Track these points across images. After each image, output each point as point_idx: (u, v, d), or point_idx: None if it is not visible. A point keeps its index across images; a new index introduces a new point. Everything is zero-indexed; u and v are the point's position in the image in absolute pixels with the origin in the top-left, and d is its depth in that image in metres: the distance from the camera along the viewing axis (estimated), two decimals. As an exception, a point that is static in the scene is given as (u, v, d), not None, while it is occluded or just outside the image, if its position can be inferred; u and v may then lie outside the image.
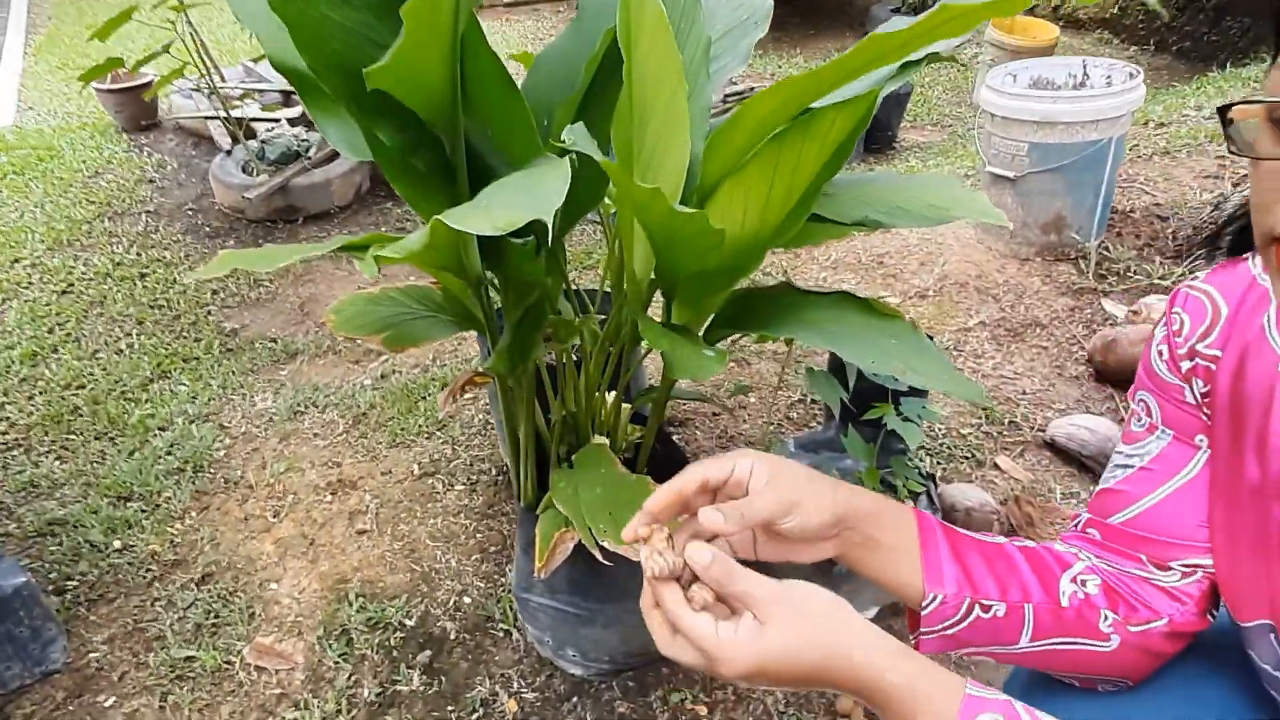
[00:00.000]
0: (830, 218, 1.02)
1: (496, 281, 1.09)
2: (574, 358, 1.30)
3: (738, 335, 1.19)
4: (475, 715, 1.34)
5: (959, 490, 1.62)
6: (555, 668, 1.40)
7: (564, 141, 0.73)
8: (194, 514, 1.90)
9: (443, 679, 1.41)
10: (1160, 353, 0.70)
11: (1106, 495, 0.73)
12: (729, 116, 0.89)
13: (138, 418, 2.23)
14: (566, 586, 1.26)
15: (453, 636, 1.49)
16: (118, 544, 1.82)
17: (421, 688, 1.40)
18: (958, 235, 2.73)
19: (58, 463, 2.10)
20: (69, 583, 1.72)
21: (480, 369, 1.31)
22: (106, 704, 1.47)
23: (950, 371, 0.94)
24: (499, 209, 0.62)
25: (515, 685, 1.38)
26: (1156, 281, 2.31)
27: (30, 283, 2.95)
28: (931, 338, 1.76)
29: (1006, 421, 1.93)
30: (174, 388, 2.39)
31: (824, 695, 1.35)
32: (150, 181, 3.79)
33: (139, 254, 3.14)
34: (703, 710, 1.32)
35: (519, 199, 0.62)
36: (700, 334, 1.09)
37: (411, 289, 1.30)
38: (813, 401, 2.08)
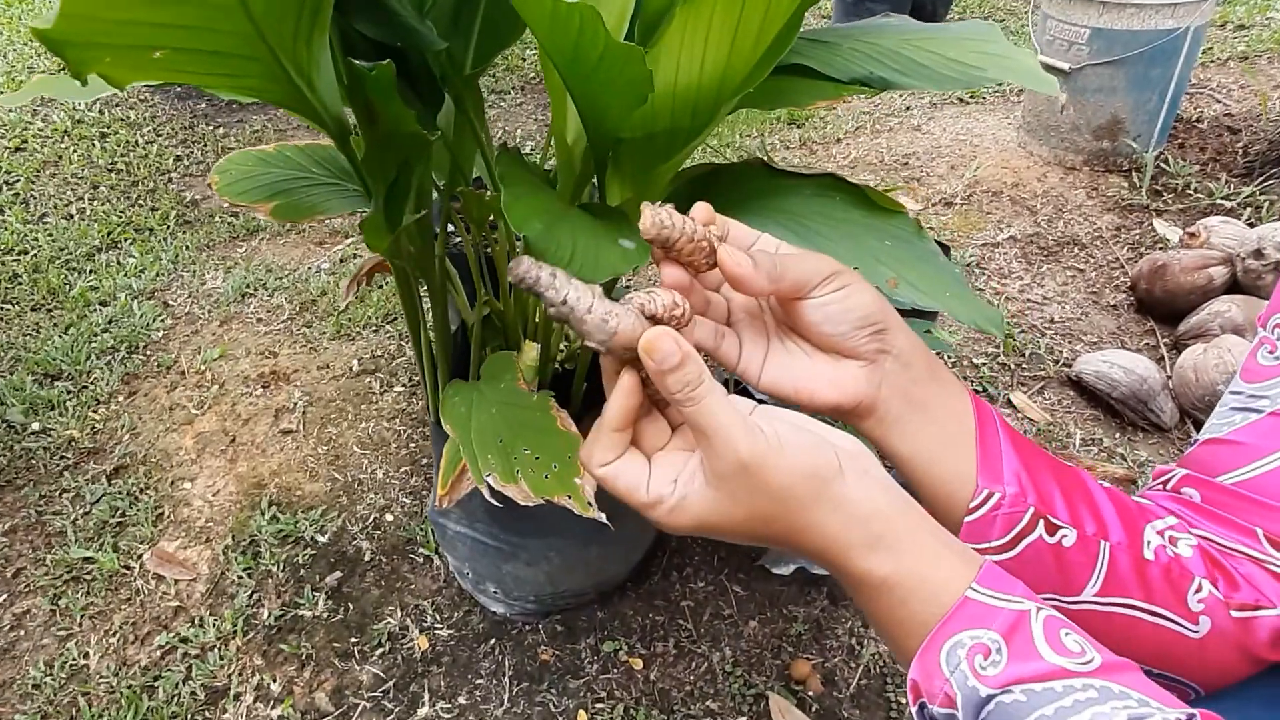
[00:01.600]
0: (824, 72, 0.76)
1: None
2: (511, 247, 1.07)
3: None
4: (380, 650, 1.17)
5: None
6: (476, 603, 1.22)
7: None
8: (120, 399, 1.73)
9: (350, 605, 1.24)
10: None
11: (1216, 446, 0.54)
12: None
13: (79, 290, 2.06)
14: (485, 515, 1.07)
15: (367, 558, 1.31)
16: (36, 426, 1.66)
17: (325, 613, 1.23)
18: (996, 137, 2.42)
19: (-13, 334, 1.94)
20: (-23, 466, 1.57)
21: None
22: (-3, 601, 1.33)
23: (959, 287, 0.71)
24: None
25: (429, 619, 1.21)
26: (1219, 202, 2.01)
27: (-20, 137, 2.74)
28: (947, 249, 1.51)
29: (1027, 353, 1.69)
30: (122, 259, 2.20)
31: (778, 657, 1.16)
32: (122, 35, 3.51)
33: (101, 112, 2.91)
34: (638, 664, 1.14)
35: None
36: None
37: (312, 148, 1.06)
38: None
